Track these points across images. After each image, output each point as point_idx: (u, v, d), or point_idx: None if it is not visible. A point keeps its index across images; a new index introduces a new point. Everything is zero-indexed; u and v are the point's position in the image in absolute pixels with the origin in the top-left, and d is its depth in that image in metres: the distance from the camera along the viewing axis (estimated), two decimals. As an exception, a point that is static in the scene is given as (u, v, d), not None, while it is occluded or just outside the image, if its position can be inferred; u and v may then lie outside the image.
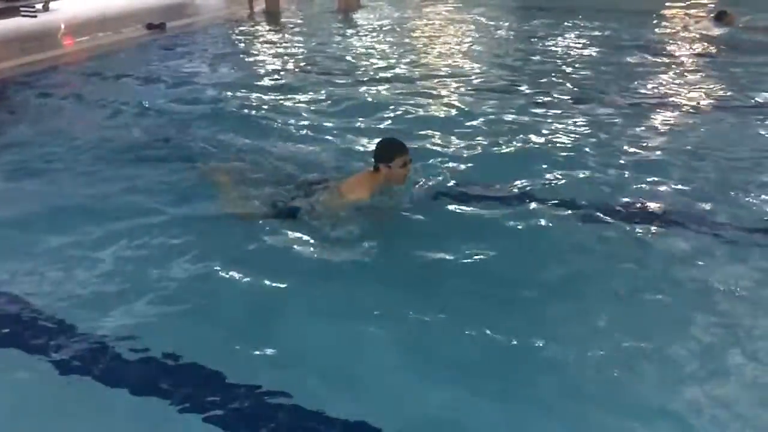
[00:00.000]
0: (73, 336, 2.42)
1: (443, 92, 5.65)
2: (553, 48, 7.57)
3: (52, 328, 2.48)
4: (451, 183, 3.64)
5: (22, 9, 9.01)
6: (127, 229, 3.15)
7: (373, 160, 3.22)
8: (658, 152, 4.17)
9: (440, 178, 3.68)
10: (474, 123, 4.77)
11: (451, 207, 3.41)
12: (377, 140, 3.37)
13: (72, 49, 7.71)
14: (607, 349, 2.33)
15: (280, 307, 2.60)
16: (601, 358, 2.29)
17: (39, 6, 9.33)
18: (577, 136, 4.52)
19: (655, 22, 9.21)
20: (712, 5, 10.30)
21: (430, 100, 5.37)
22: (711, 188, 3.63)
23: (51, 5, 9.51)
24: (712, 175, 3.80)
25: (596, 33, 8.43)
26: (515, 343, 2.36)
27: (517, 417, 2.04)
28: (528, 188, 3.60)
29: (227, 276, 2.78)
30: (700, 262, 2.88)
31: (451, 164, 3.92)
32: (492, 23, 9.31)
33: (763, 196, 3.51)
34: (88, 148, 4.33)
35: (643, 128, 4.66)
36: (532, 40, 8.16)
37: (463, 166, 3.90)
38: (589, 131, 4.60)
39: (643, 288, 2.70)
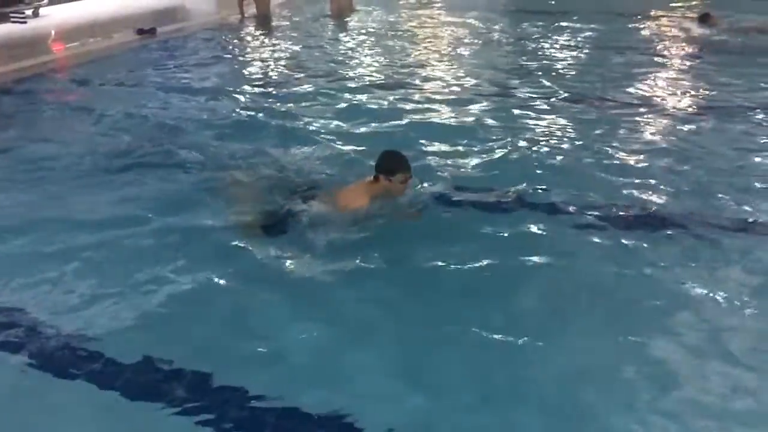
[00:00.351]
0: (63, 340, 2.44)
1: (437, 96, 5.67)
2: (543, 51, 7.63)
3: (41, 332, 2.49)
4: (445, 188, 3.65)
5: (11, 15, 8.97)
6: (117, 236, 3.16)
7: (372, 165, 3.22)
8: (646, 154, 4.21)
9: (435, 183, 3.70)
10: (467, 127, 4.79)
11: (444, 211, 3.44)
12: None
13: (62, 55, 7.69)
14: (602, 352, 2.37)
15: (274, 313, 2.62)
16: (596, 361, 2.33)
17: (29, 12, 9.29)
18: (567, 138, 4.56)
19: (640, 24, 9.31)
20: (698, 5, 10.45)
21: (424, 105, 5.39)
22: (698, 190, 3.67)
23: (41, 11, 9.48)
24: (701, 178, 3.84)
25: (584, 36, 8.50)
26: (506, 346, 2.39)
27: (510, 420, 2.07)
28: (520, 192, 3.63)
29: (220, 282, 2.80)
30: (688, 264, 2.92)
31: (444, 169, 3.94)
32: (484, 27, 9.37)
33: (748, 197, 3.56)
34: (77, 154, 4.32)
35: (630, 131, 4.72)
36: (523, 43, 8.22)
37: (456, 171, 3.92)
38: (576, 134, 4.65)
39: (636, 292, 2.74)
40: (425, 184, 3.63)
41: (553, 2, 11.28)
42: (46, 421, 2.10)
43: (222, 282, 2.80)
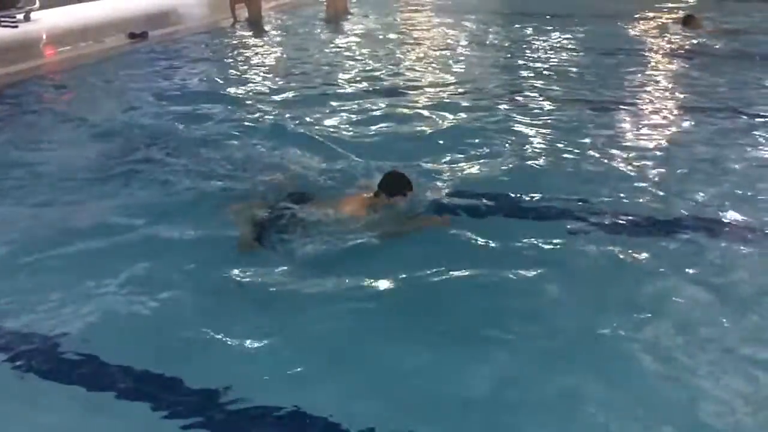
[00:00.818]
0: (51, 342, 2.46)
1: (431, 101, 5.69)
2: (532, 55, 7.70)
3: (28, 335, 2.51)
4: (438, 194, 3.66)
5: (2, 19, 8.94)
6: (108, 241, 3.18)
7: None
8: (635, 158, 4.26)
9: (428, 189, 3.70)
10: (460, 132, 4.82)
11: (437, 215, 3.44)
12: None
13: (53, 59, 7.67)
14: (593, 355, 2.40)
15: (265, 317, 2.64)
16: (590, 362, 2.36)
17: (20, 16, 9.26)
18: (557, 142, 4.61)
19: (626, 26, 9.39)
20: (683, 8, 10.59)
21: (419, 110, 5.41)
22: (685, 191, 3.72)
23: (32, 15, 9.44)
24: (692, 180, 3.89)
25: (569, 38, 8.57)
26: (496, 349, 2.41)
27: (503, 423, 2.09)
28: (512, 197, 3.67)
29: (210, 288, 2.82)
30: (684, 266, 2.94)
31: (437, 174, 3.96)
32: (478, 30, 9.43)
33: (737, 199, 3.60)
34: (67, 159, 4.32)
35: (619, 133, 4.79)
36: (515, 46, 8.29)
37: (449, 176, 3.94)
38: (565, 137, 4.69)
39: (630, 295, 2.76)
40: (425, 185, 3.64)
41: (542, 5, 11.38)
42: (33, 422, 2.12)
43: (213, 288, 2.82)
